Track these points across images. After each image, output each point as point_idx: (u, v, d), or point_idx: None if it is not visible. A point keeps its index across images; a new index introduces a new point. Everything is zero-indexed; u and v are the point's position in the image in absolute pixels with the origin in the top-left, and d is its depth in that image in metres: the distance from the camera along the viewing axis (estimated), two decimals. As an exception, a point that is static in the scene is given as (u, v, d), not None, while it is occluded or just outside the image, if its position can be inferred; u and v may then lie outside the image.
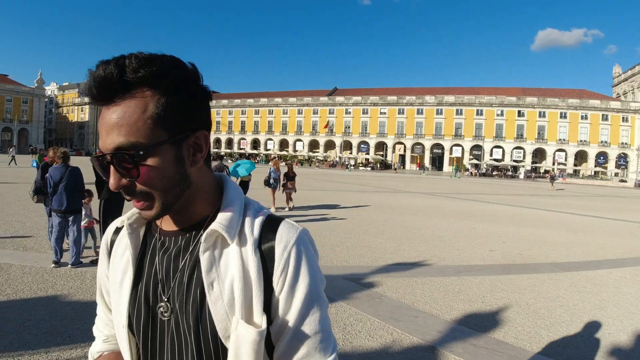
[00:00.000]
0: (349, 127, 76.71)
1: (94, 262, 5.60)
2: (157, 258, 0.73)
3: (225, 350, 0.68)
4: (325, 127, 76.00)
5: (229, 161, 37.00)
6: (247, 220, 0.72)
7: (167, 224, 0.76)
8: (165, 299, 0.71)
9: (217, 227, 0.69)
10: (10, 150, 34.81)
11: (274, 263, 0.69)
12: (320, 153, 76.41)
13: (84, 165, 6.79)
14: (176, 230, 0.74)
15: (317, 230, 8.76)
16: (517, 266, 6.59)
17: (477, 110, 68.53)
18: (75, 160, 6.53)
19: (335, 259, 6.45)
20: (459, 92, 74.22)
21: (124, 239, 0.77)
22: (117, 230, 0.82)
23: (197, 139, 0.68)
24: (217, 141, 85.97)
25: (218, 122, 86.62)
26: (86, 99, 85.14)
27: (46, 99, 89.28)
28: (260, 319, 0.67)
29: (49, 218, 6.11)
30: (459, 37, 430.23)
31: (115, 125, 0.62)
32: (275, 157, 48.13)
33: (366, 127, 75.80)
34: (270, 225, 0.72)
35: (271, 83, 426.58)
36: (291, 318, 0.69)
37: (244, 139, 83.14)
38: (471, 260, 6.73)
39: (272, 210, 12.34)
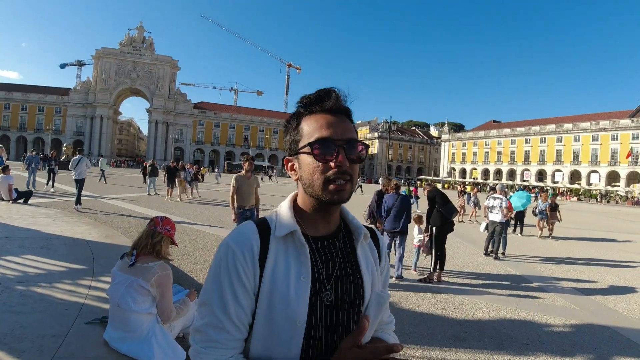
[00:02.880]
0: (661, 156, 66.89)
1: (422, 281, 7.27)
2: (316, 257, 1.09)
3: (358, 316, 1.11)
4: (628, 155, 71.68)
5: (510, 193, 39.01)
6: (361, 226, 1.20)
7: (313, 230, 1.12)
8: (328, 287, 1.07)
9: (364, 231, 1.17)
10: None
11: (381, 257, 1.23)
12: (620, 187, 71.82)
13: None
14: (324, 236, 1.12)
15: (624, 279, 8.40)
16: None
17: None
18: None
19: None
20: None
21: (285, 246, 1.08)
22: (264, 237, 1.08)
23: None
24: (498, 172, 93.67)
25: (499, 153, 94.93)
26: (375, 134, 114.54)
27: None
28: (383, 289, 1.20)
29: None
30: None
31: (351, 129, 1.08)
32: (544, 190, 54.00)
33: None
34: (369, 229, 1.24)
35: (558, 107, 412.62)
36: (385, 289, 1.23)
37: (527, 170, 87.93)
38: None
39: (538, 235, 14.60)
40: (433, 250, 7.55)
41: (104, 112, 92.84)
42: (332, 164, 1.03)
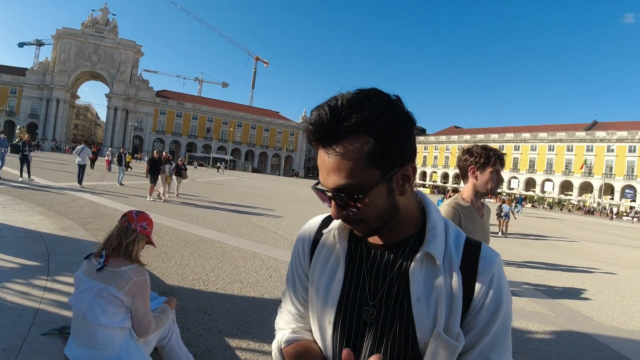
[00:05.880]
0: (611, 168, 73.25)
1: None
2: (363, 266, 0.96)
3: (417, 356, 0.88)
4: (582, 167, 74.93)
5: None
6: (450, 242, 0.93)
7: (373, 237, 0.96)
8: (372, 303, 0.92)
9: (430, 249, 0.89)
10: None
11: (474, 287, 0.89)
12: (573, 196, 75.63)
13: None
14: (382, 245, 0.95)
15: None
16: None
17: None
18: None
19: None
20: None
21: (329, 243, 1.01)
22: (320, 231, 1.04)
23: (406, 171, 0.86)
24: (457, 176, 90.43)
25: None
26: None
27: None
28: (456, 334, 0.87)
29: None
30: None
31: (335, 168, 0.82)
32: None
33: (633, 169, 70.74)
34: (472, 250, 0.93)
35: (518, 116, 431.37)
36: (483, 342, 0.88)
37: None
38: None
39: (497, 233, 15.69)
40: None
41: (61, 95, 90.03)
42: None
